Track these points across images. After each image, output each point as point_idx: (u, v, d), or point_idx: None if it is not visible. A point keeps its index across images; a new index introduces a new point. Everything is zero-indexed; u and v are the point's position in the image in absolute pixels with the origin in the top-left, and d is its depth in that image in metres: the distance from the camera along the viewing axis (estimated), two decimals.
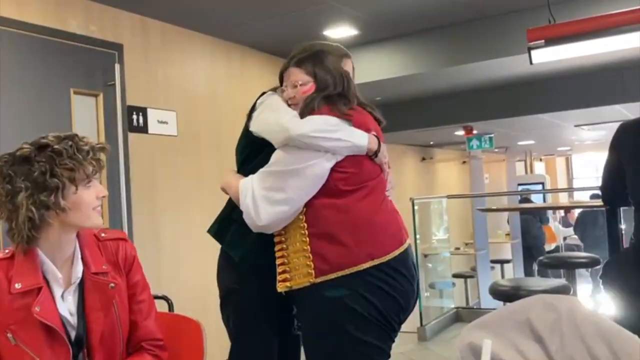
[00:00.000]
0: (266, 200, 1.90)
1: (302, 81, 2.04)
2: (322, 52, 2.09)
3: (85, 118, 3.90)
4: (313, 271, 1.88)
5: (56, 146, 1.60)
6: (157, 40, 4.49)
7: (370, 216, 1.92)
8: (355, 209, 1.91)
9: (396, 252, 1.92)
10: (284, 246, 1.97)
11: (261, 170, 1.97)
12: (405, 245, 1.97)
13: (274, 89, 2.18)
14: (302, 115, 1.95)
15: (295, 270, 1.92)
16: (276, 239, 1.99)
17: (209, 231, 2.27)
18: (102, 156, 1.69)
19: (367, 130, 1.98)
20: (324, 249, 1.88)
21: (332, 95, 1.99)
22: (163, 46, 4.54)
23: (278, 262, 1.97)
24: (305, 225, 1.93)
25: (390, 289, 1.89)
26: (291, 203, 1.90)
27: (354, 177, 1.94)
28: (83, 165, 1.62)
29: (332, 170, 1.91)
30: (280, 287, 1.96)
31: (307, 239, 1.91)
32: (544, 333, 1.33)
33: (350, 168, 1.93)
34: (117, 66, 4.08)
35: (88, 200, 1.65)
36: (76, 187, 1.62)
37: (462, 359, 1.37)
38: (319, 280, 1.87)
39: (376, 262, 1.87)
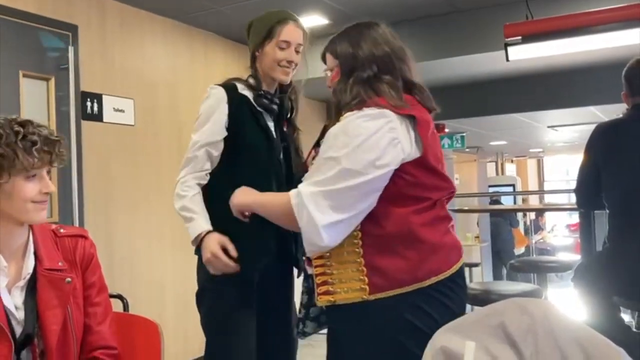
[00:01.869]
0: (327, 225, 1.63)
1: (330, 66, 1.85)
2: (351, 27, 1.84)
3: (35, 103, 3.74)
4: (367, 287, 1.67)
5: None
6: (114, 22, 4.32)
7: (435, 227, 1.73)
8: (421, 218, 1.70)
9: (458, 265, 1.77)
10: (327, 254, 1.72)
11: (315, 188, 1.66)
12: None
13: (234, 79, 2.15)
14: (348, 106, 1.70)
15: (342, 284, 1.70)
16: None
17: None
18: (57, 148, 1.61)
19: (427, 127, 1.74)
20: (383, 262, 1.67)
21: (371, 78, 1.72)
22: (121, 29, 4.37)
23: (317, 271, 1.75)
24: (360, 234, 1.69)
25: (451, 302, 1.72)
26: (354, 222, 1.67)
27: (419, 182, 1.71)
28: (22, 155, 1.53)
29: (396, 174, 1.67)
30: (321, 301, 1.74)
31: (361, 250, 1.68)
32: (518, 337, 1.32)
33: (415, 172, 1.69)
34: (70, 49, 3.93)
35: (24, 192, 1.56)
36: (9, 176, 1.53)
37: None
38: (372, 297, 1.66)
39: (440, 277, 1.69)
